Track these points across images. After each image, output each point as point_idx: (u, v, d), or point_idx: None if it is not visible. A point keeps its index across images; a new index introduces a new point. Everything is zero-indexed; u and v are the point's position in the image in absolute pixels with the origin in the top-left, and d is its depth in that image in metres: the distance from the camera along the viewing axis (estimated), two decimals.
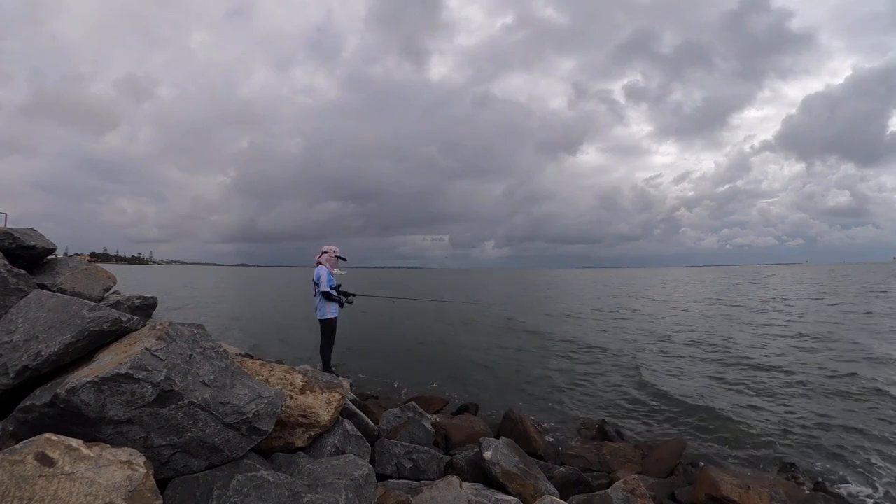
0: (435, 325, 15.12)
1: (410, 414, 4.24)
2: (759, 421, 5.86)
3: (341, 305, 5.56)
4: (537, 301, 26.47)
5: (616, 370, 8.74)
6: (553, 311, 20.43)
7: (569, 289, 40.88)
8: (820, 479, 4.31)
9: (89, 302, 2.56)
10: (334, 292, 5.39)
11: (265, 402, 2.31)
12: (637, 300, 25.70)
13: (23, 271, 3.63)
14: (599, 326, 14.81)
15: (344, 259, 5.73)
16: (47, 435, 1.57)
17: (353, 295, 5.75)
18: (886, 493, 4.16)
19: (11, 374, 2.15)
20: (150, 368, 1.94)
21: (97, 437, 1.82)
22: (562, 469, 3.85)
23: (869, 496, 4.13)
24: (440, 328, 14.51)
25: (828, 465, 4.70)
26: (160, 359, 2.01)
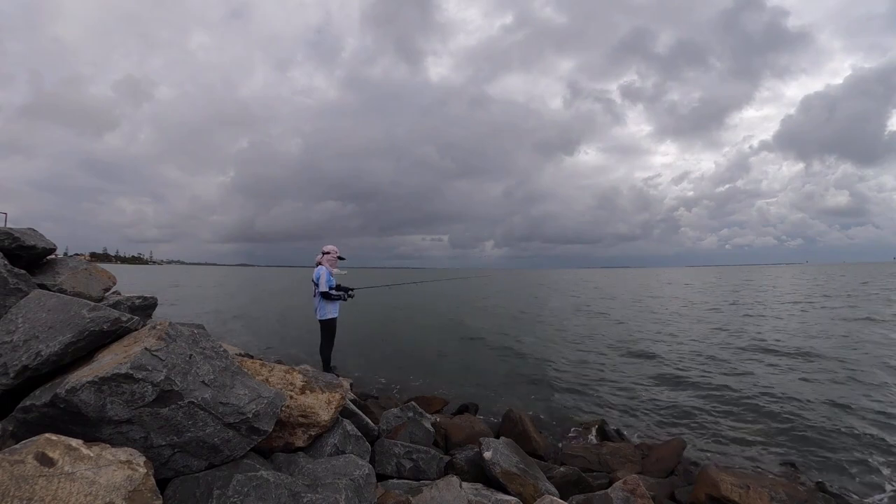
0: (434, 326, 15.12)
1: (410, 414, 4.24)
2: (758, 421, 5.86)
3: (344, 300, 5.62)
4: (536, 301, 26.47)
5: (615, 370, 8.74)
6: (551, 311, 20.43)
7: (567, 289, 40.87)
8: (820, 479, 4.31)
9: (89, 302, 2.56)
10: (333, 292, 5.45)
11: (265, 402, 2.31)
12: (634, 301, 25.68)
13: (23, 271, 3.63)
14: (598, 327, 14.82)
15: (343, 258, 5.80)
16: (47, 435, 1.56)
17: (353, 289, 5.86)
18: (887, 493, 4.15)
19: (11, 374, 2.15)
20: (150, 368, 1.94)
21: (97, 437, 1.82)
22: (562, 469, 3.85)
23: (869, 496, 4.13)
24: (440, 329, 14.52)
25: (828, 465, 4.70)
26: (160, 359, 2.01)
